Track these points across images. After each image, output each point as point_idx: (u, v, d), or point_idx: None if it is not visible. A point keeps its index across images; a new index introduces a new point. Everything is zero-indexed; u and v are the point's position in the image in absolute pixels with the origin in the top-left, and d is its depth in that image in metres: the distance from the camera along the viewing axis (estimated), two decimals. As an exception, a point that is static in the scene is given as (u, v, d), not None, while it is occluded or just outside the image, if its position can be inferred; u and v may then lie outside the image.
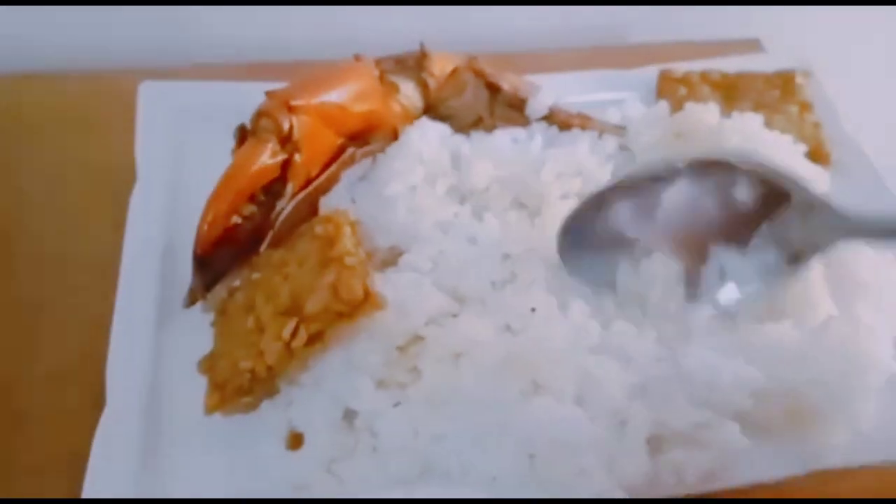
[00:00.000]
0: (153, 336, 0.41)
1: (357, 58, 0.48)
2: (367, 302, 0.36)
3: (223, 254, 0.42)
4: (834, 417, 0.39)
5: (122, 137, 0.50)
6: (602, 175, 0.46)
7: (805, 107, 0.54)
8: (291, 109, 0.43)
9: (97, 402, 0.38)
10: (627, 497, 0.36)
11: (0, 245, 0.49)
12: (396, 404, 0.38)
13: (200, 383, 0.39)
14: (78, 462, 0.36)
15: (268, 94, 0.43)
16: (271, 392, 0.39)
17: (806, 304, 0.42)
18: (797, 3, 0.72)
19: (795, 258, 0.41)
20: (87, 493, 0.36)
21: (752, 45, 0.65)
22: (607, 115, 0.51)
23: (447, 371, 0.38)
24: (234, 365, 0.37)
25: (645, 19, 0.71)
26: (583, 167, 0.46)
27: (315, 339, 0.36)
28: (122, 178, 0.48)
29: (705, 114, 0.47)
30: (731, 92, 0.54)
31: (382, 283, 0.39)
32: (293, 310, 0.37)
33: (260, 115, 0.43)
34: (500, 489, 0.36)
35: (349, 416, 0.39)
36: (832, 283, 0.43)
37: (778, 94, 0.55)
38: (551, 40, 0.69)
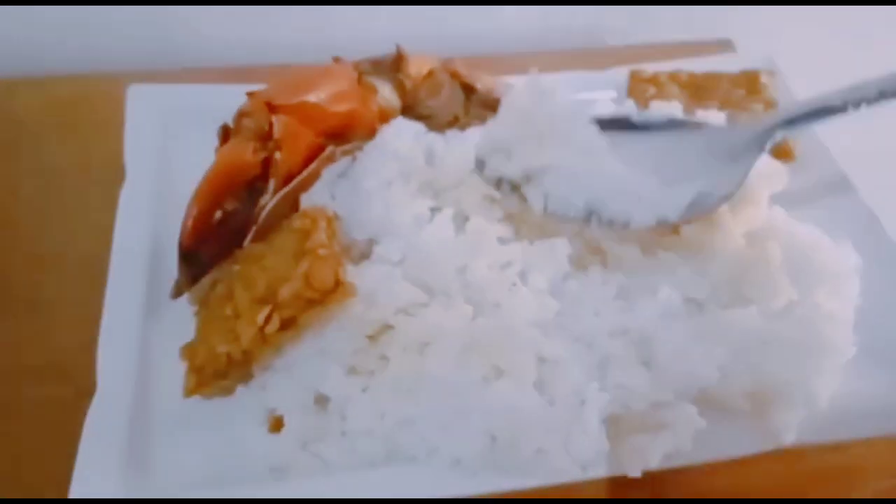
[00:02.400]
0: (141, 326, 0.43)
1: (336, 60, 0.50)
2: (337, 290, 0.38)
3: (209, 248, 0.43)
4: (792, 397, 0.40)
5: (110, 138, 0.53)
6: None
7: (769, 104, 0.55)
8: (272, 109, 0.45)
9: (87, 391, 0.40)
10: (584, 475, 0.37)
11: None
12: (365, 389, 0.39)
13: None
14: (69, 446, 0.38)
15: (249, 94, 0.45)
16: (246, 377, 0.40)
17: (768, 290, 0.43)
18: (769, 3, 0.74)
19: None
20: (77, 475, 0.37)
21: (725, 46, 0.67)
22: (580, 113, 0.53)
23: (413, 359, 0.39)
24: (212, 350, 0.39)
25: (623, 22, 0.73)
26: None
27: (288, 324, 0.38)
28: (111, 178, 0.50)
29: (669, 110, 0.47)
30: (698, 91, 0.56)
31: (355, 275, 0.40)
32: (268, 297, 0.38)
33: (242, 114, 0.45)
34: (463, 470, 0.37)
35: (322, 400, 0.40)
36: (793, 271, 0.44)
37: (743, 92, 0.56)
38: (531, 43, 0.71)
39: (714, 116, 0.48)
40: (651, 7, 0.73)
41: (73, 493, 0.37)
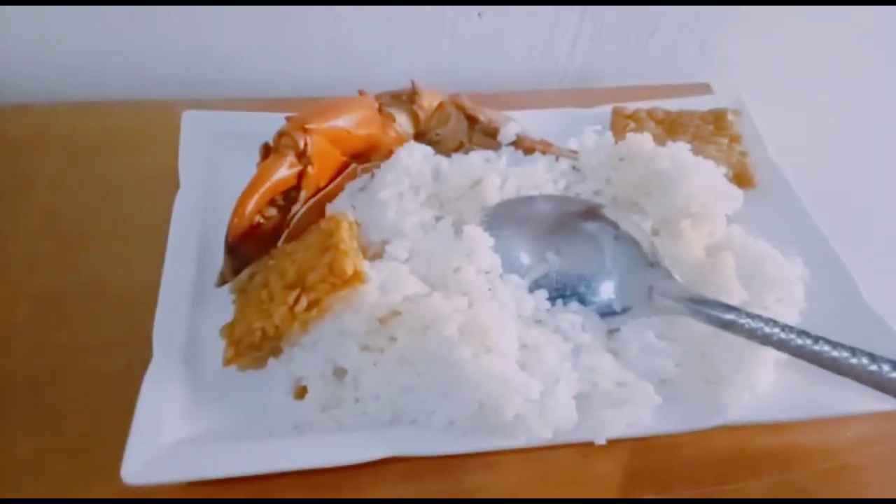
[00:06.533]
0: (190, 308, 0.49)
1: (360, 92, 0.56)
2: (354, 277, 0.44)
3: (249, 246, 0.49)
4: (735, 382, 0.46)
5: (161, 155, 0.59)
6: (554, 190, 0.54)
7: (734, 139, 0.61)
8: (306, 131, 0.50)
9: (142, 364, 0.46)
10: (556, 440, 0.43)
11: (65, 241, 0.57)
12: (376, 363, 0.45)
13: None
14: (127, 406, 0.44)
15: (288, 118, 0.51)
16: (276, 351, 0.46)
17: (723, 293, 0.49)
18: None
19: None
20: (135, 427, 0.42)
21: (704, 89, 0.73)
22: (568, 143, 0.58)
23: (417, 338, 0.45)
24: (248, 326, 0.45)
25: (613, 66, 0.80)
26: (538, 183, 0.54)
27: (313, 305, 0.44)
28: (164, 189, 0.56)
29: (642, 142, 0.54)
30: (672, 126, 0.62)
31: (370, 269, 0.47)
32: (297, 283, 0.45)
33: (281, 134, 0.50)
34: (456, 431, 0.44)
35: (340, 372, 0.46)
36: (745, 278, 0.50)
37: (712, 128, 0.62)
38: (531, 84, 0.79)
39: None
40: (640, 55, 0.79)
41: (131, 443, 0.42)
